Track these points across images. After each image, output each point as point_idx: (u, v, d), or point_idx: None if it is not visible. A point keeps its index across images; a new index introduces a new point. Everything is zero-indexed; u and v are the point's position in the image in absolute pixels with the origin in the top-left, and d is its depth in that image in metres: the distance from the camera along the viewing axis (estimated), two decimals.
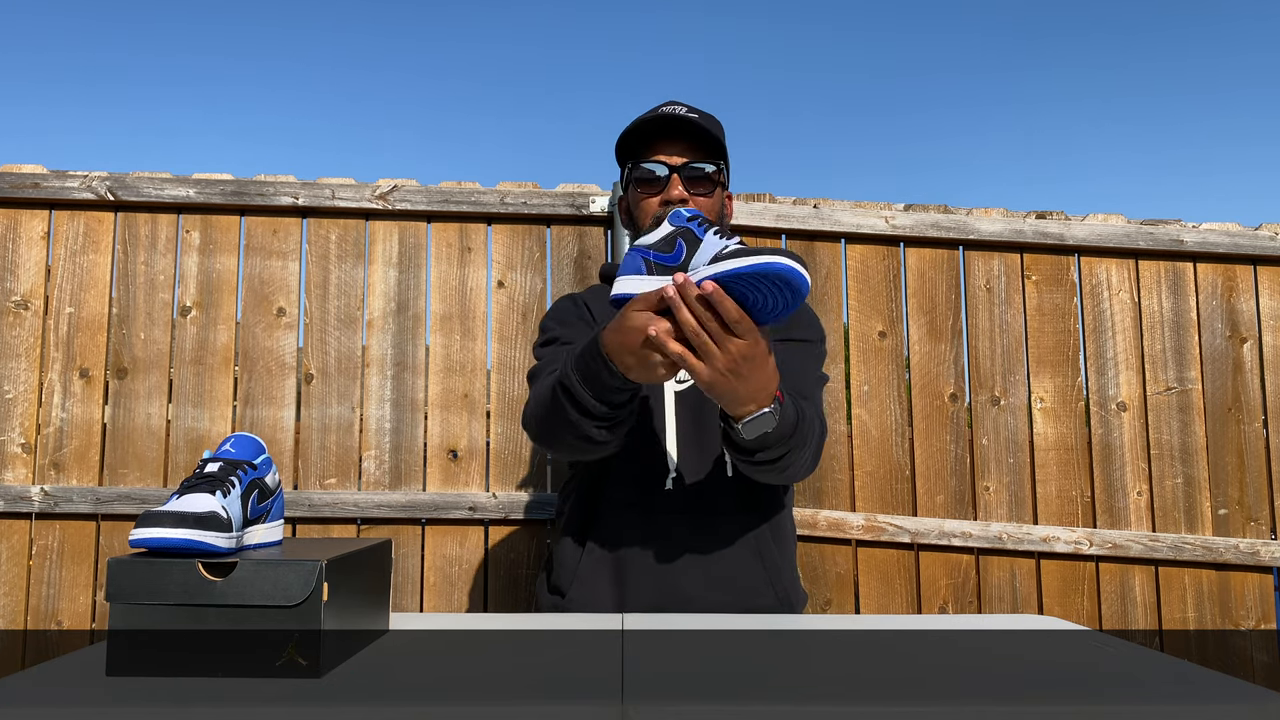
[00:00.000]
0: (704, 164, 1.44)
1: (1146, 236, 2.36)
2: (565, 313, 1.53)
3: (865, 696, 0.76)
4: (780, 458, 1.19)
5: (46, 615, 2.11)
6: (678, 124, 1.43)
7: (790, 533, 1.49)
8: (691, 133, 1.44)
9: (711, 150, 1.46)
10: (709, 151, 1.46)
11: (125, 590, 0.85)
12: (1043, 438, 2.32)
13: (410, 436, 2.20)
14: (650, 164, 1.44)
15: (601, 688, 0.79)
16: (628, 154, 1.49)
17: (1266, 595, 2.31)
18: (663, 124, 1.44)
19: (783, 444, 1.16)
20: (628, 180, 1.50)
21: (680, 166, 1.43)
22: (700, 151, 1.45)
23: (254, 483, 0.99)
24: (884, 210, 2.33)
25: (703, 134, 1.44)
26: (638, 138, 1.46)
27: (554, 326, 1.50)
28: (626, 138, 1.47)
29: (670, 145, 1.45)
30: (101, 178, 2.18)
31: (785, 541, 1.47)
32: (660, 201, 1.44)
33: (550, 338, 1.48)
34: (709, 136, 1.44)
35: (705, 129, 1.42)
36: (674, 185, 1.43)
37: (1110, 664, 0.91)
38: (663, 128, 1.44)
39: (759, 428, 1.10)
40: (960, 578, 2.27)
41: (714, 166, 1.44)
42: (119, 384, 2.17)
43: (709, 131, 1.43)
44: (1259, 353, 2.38)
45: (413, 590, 2.17)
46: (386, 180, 2.24)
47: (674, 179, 1.43)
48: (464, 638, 1.03)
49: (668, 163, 1.43)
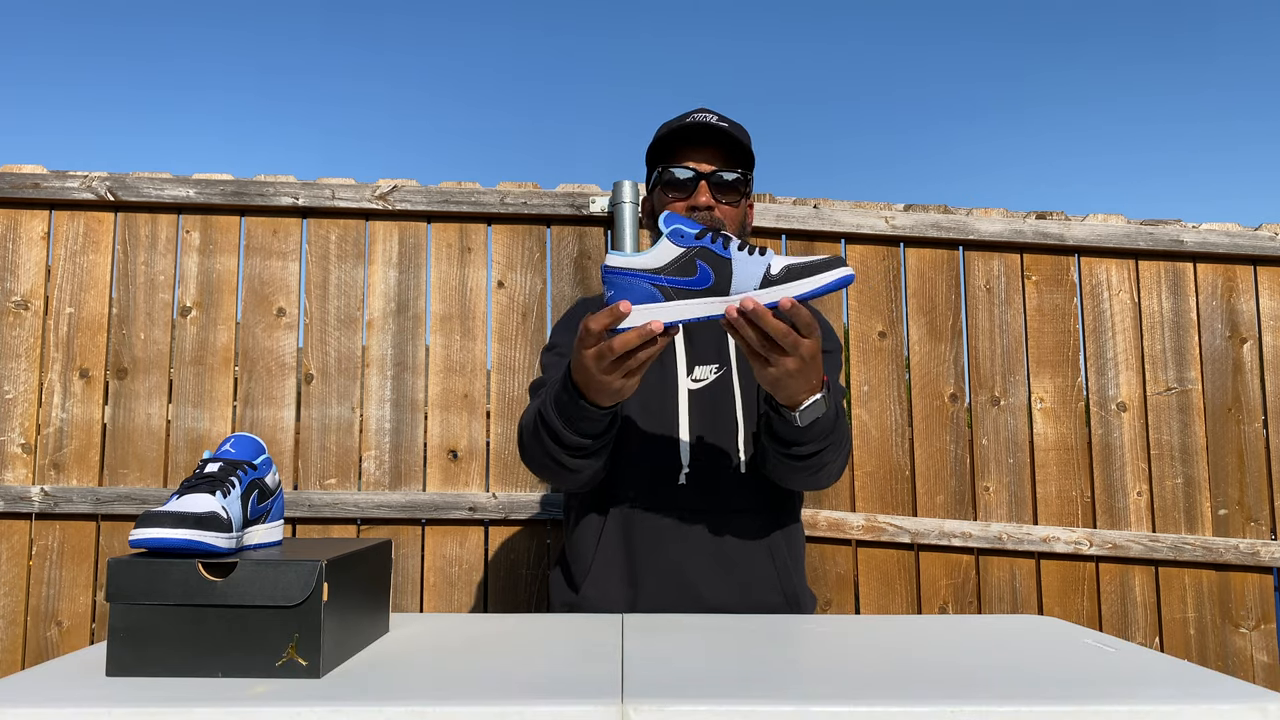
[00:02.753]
0: (731, 171, 1.45)
1: (1146, 236, 2.36)
2: (574, 319, 1.55)
3: (865, 696, 0.76)
4: (822, 450, 1.26)
5: (46, 615, 2.11)
6: (708, 132, 1.45)
7: (800, 538, 1.51)
8: (721, 141, 1.46)
9: (739, 159, 1.48)
10: (737, 160, 1.47)
11: (125, 590, 0.85)
12: (1043, 438, 2.32)
13: (410, 437, 2.20)
14: (679, 168, 1.46)
15: (601, 688, 0.79)
16: (658, 158, 1.50)
17: (1266, 595, 2.31)
18: (694, 131, 1.46)
19: (826, 436, 1.24)
20: (655, 183, 1.51)
21: (709, 174, 1.44)
22: (728, 160, 1.47)
23: (254, 483, 0.99)
24: (884, 210, 2.33)
25: (733, 143, 1.46)
26: (669, 143, 1.48)
27: (559, 333, 1.54)
28: (658, 143, 1.49)
29: (699, 152, 1.46)
30: (101, 178, 2.18)
31: (795, 544, 1.48)
32: (687, 207, 1.46)
33: (552, 343, 1.52)
34: (738, 145, 1.46)
35: (735, 137, 1.45)
36: (701, 192, 1.45)
37: (1110, 664, 0.91)
38: (694, 135, 1.46)
39: (813, 412, 1.18)
40: (960, 578, 2.27)
41: (741, 174, 1.46)
42: (119, 384, 2.17)
43: (738, 140, 1.45)
44: (1259, 353, 2.38)
45: (413, 590, 2.17)
46: (386, 180, 2.24)
47: (701, 185, 1.44)
48: (464, 638, 1.03)
49: (696, 169, 1.45)
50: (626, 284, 1.04)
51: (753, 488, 1.41)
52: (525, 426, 1.34)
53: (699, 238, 1.04)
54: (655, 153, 1.51)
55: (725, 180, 1.44)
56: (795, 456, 1.26)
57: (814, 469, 1.29)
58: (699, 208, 1.44)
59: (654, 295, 1.04)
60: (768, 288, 1.02)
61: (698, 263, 1.03)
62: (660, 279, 1.03)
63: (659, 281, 1.03)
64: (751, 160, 1.48)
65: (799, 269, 1.02)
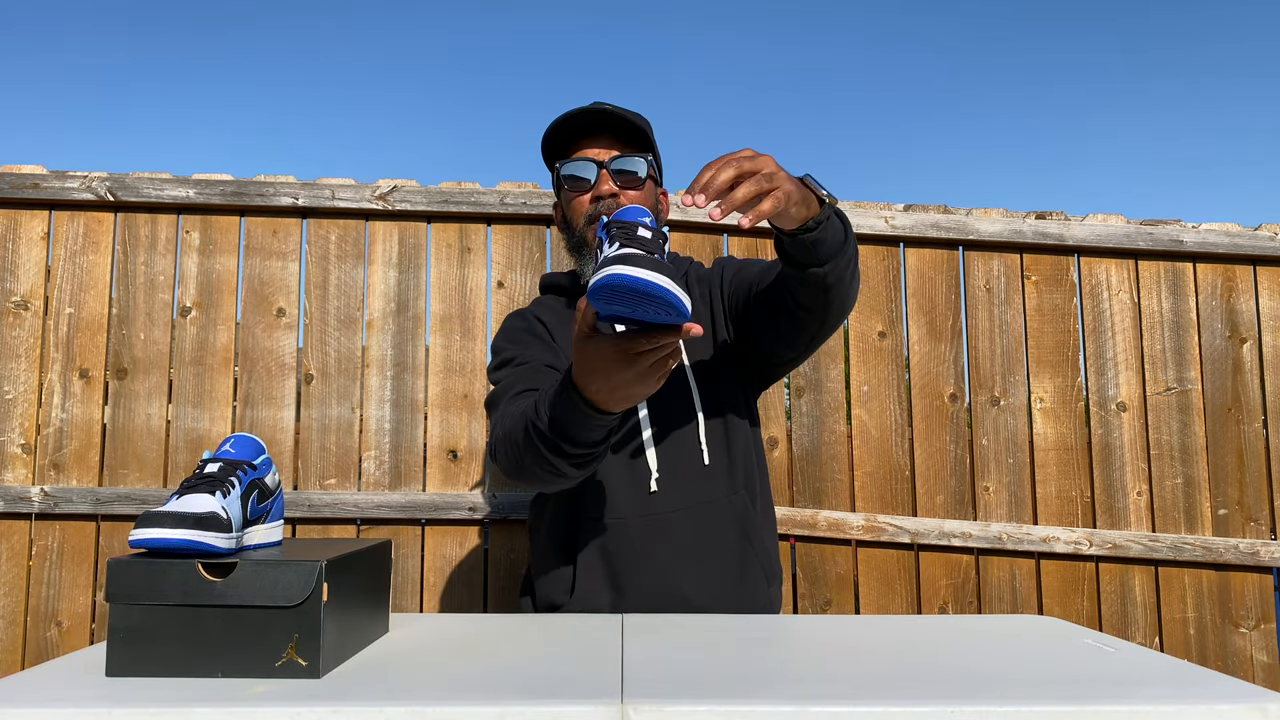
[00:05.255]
0: (631, 156, 1.42)
1: (1146, 237, 2.36)
2: (516, 331, 1.49)
3: (865, 696, 0.76)
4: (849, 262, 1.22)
5: (46, 615, 2.11)
6: (600, 119, 1.41)
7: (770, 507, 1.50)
8: (615, 127, 1.42)
9: (639, 145, 1.44)
10: (636, 146, 1.44)
11: (125, 590, 0.85)
12: (1042, 438, 2.32)
13: (410, 437, 2.20)
14: (576, 162, 1.42)
15: (601, 688, 0.79)
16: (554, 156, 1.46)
17: (1266, 595, 2.31)
18: (585, 120, 1.42)
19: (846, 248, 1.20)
20: (557, 182, 1.47)
21: (607, 161, 1.41)
22: (628, 146, 1.44)
23: (254, 483, 0.99)
24: (884, 210, 2.33)
25: (627, 127, 1.42)
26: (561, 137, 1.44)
27: (507, 346, 1.46)
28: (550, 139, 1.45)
29: (595, 141, 1.43)
30: (101, 178, 2.18)
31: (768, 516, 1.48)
32: (591, 198, 1.42)
33: (505, 359, 1.44)
34: (634, 130, 1.42)
35: (630, 121, 1.41)
36: (603, 181, 1.41)
37: (1110, 664, 0.91)
38: (586, 124, 1.42)
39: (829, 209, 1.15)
40: (960, 578, 2.27)
41: (642, 159, 1.42)
42: (119, 384, 2.17)
43: (634, 125, 1.41)
44: (1259, 353, 2.38)
45: (413, 590, 2.17)
46: (386, 180, 2.24)
47: (603, 174, 1.41)
48: (464, 638, 1.03)
49: (594, 159, 1.41)
50: None
51: (720, 476, 1.40)
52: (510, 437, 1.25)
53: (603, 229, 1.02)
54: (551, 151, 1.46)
55: (625, 166, 1.41)
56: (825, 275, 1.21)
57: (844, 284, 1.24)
58: (603, 197, 1.40)
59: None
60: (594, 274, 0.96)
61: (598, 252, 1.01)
62: None
63: None
64: (651, 143, 1.45)
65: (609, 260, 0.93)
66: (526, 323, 1.51)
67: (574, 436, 1.15)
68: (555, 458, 1.18)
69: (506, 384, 1.38)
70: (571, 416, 1.12)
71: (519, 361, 1.41)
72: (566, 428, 1.14)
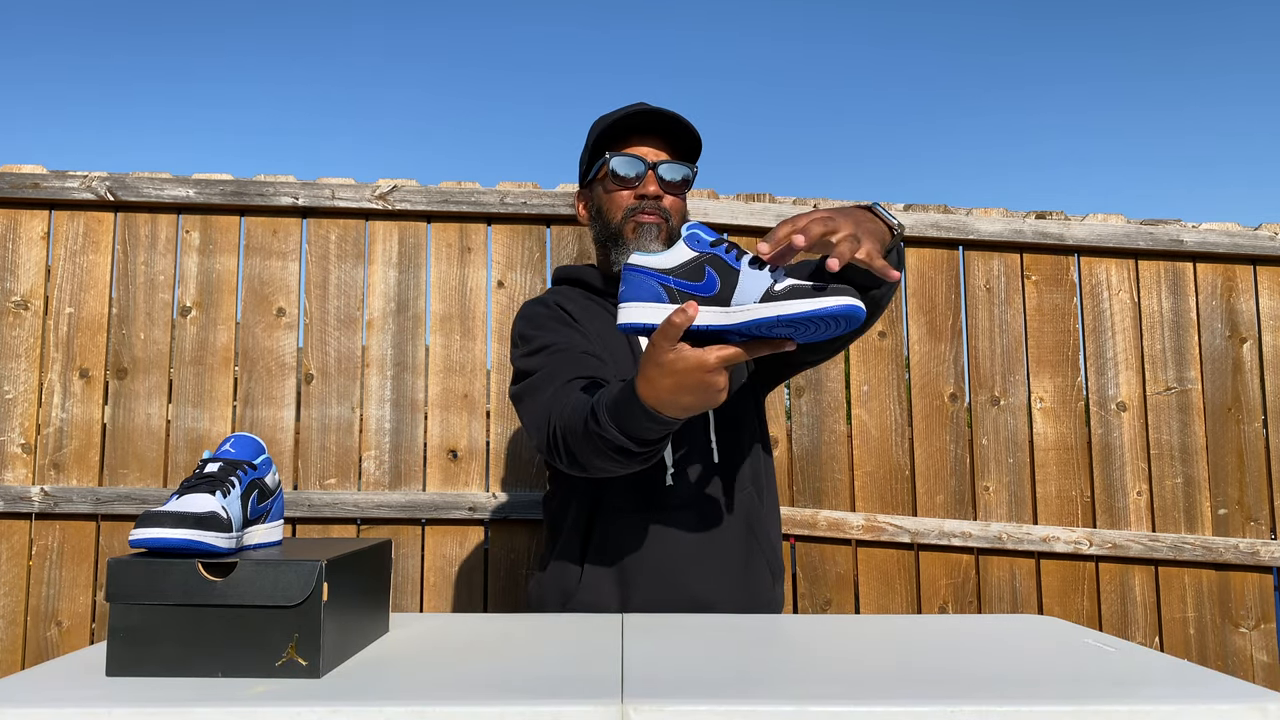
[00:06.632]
0: (681, 164, 1.43)
1: (1146, 236, 2.36)
2: (543, 318, 1.46)
3: (865, 696, 0.76)
4: None
5: (46, 615, 2.11)
6: (658, 119, 1.41)
7: (775, 503, 1.51)
8: (669, 130, 1.42)
9: (686, 151, 1.45)
10: (684, 153, 1.45)
11: (125, 590, 0.85)
12: (1042, 438, 2.32)
13: (410, 436, 2.20)
14: (627, 157, 1.41)
15: (601, 688, 0.79)
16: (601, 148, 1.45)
17: (1266, 595, 2.31)
18: (644, 118, 1.42)
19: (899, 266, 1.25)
20: (595, 175, 1.46)
21: (658, 163, 1.41)
22: (676, 151, 1.44)
23: (254, 483, 0.99)
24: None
25: (682, 130, 1.42)
26: (615, 131, 1.43)
27: (537, 334, 1.42)
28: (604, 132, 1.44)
29: (646, 140, 1.43)
30: (101, 178, 2.18)
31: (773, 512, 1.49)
32: (634, 196, 1.41)
33: (539, 345, 1.39)
34: (687, 134, 1.42)
35: (686, 124, 1.41)
36: (649, 182, 1.41)
37: (1110, 664, 0.91)
38: (643, 122, 1.42)
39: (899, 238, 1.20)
40: (960, 578, 2.27)
41: (687, 168, 1.43)
42: (119, 384, 2.17)
43: (689, 128, 1.41)
44: (1259, 353, 2.38)
45: (413, 590, 2.17)
46: (386, 180, 2.24)
47: (649, 175, 1.41)
48: (464, 638, 1.03)
49: (645, 158, 1.41)
50: (638, 281, 1.04)
51: (728, 471, 1.41)
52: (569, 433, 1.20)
53: (714, 245, 1.03)
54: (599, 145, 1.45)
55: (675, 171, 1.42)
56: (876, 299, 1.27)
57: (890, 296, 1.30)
58: (647, 197, 1.40)
59: (659, 295, 1.03)
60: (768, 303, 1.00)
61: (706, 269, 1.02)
62: (669, 279, 1.03)
63: (666, 281, 1.03)
64: (698, 152, 1.45)
65: (804, 290, 0.97)
66: (551, 310, 1.48)
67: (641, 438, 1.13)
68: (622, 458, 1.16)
69: (549, 371, 1.33)
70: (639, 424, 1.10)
71: (557, 348, 1.36)
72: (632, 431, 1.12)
